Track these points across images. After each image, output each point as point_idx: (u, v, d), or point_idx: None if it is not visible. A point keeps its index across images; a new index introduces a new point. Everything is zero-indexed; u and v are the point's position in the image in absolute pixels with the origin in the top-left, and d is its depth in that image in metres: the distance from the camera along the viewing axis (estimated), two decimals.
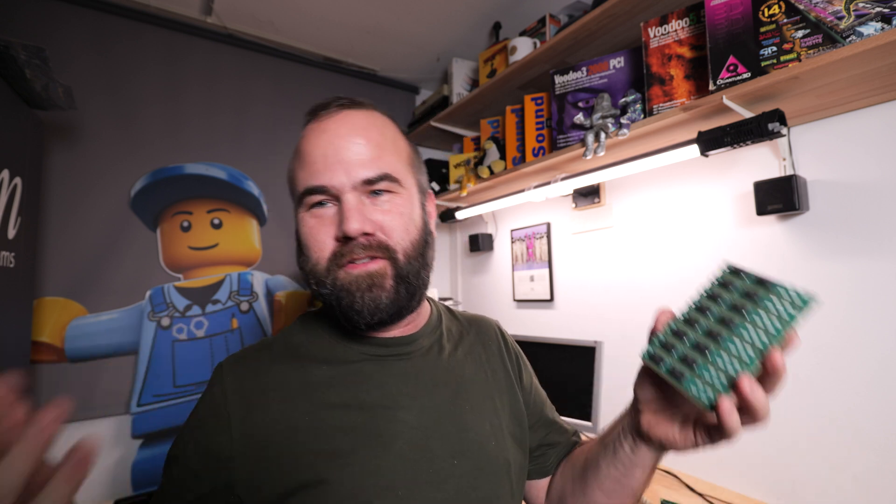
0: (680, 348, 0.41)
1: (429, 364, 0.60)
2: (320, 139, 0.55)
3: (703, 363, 0.39)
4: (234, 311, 1.72)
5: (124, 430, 1.51)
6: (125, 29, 1.58)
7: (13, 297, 1.09)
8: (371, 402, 0.54)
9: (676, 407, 0.45)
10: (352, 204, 0.52)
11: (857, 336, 0.99)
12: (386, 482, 0.50)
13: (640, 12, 1.22)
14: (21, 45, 0.96)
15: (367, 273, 0.53)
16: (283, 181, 1.86)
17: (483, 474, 0.56)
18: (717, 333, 0.40)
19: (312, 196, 0.54)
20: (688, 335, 0.42)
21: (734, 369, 0.37)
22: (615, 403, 1.43)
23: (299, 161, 0.56)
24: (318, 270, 0.54)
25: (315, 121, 0.57)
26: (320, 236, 0.54)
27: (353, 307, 0.53)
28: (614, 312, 1.51)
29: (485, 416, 0.60)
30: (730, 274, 0.44)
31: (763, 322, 0.38)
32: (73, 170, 1.47)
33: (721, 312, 0.41)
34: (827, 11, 0.85)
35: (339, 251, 0.53)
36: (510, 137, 1.63)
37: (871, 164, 0.99)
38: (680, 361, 0.41)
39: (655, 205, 1.41)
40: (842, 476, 1.00)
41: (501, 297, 2.02)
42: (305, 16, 1.70)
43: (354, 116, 0.56)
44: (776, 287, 0.39)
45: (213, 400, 0.54)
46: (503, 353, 0.71)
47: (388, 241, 0.54)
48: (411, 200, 0.58)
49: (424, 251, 0.58)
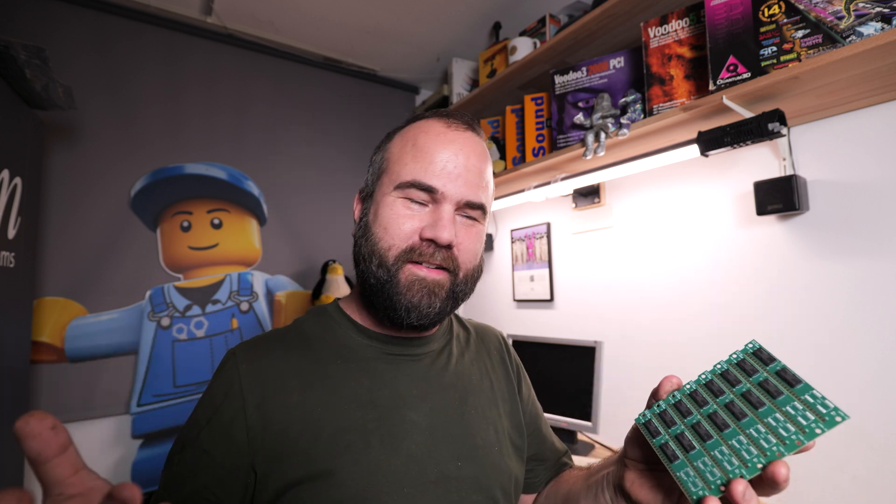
0: (679, 425, 0.38)
1: (438, 367, 0.62)
2: (448, 146, 0.57)
3: (700, 451, 0.36)
4: (234, 311, 1.72)
5: (124, 430, 1.51)
6: (125, 29, 1.59)
7: (13, 297, 1.09)
8: (384, 400, 0.55)
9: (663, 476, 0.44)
10: (450, 215, 0.55)
11: (857, 336, 0.99)
12: (394, 479, 0.51)
13: (640, 12, 1.22)
14: (21, 45, 0.96)
15: (433, 280, 0.55)
16: (284, 181, 1.86)
17: (486, 479, 0.56)
18: (724, 422, 0.36)
19: (415, 190, 0.56)
20: (691, 413, 0.38)
21: (732, 471, 0.33)
22: (615, 403, 1.44)
23: (415, 152, 0.57)
24: (388, 255, 0.55)
25: (443, 124, 0.59)
26: (406, 225, 0.55)
27: (405, 304, 0.55)
28: (614, 312, 1.51)
29: (489, 423, 0.61)
30: (752, 354, 0.39)
31: (778, 428, 0.33)
32: (73, 170, 1.48)
33: (733, 398, 0.37)
34: (827, 11, 0.85)
35: (417, 248, 0.55)
36: (510, 137, 1.63)
37: (871, 164, 0.99)
38: (675, 440, 0.37)
39: (655, 205, 1.41)
40: (842, 476, 1.00)
41: (501, 297, 2.02)
42: (305, 16, 1.70)
43: (478, 142, 0.60)
44: (804, 391, 0.34)
45: (228, 383, 0.54)
46: (506, 363, 0.72)
47: (459, 258, 0.57)
48: (483, 234, 0.62)
49: (478, 278, 0.62)
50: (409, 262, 0.55)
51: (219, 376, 0.56)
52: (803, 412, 0.33)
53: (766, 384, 0.36)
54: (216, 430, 0.52)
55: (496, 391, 0.66)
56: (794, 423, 0.33)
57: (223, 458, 0.51)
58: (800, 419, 0.33)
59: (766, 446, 0.33)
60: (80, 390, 1.44)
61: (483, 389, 0.64)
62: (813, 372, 1.05)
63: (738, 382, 0.38)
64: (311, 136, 1.97)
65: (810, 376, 1.13)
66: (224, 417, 0.52)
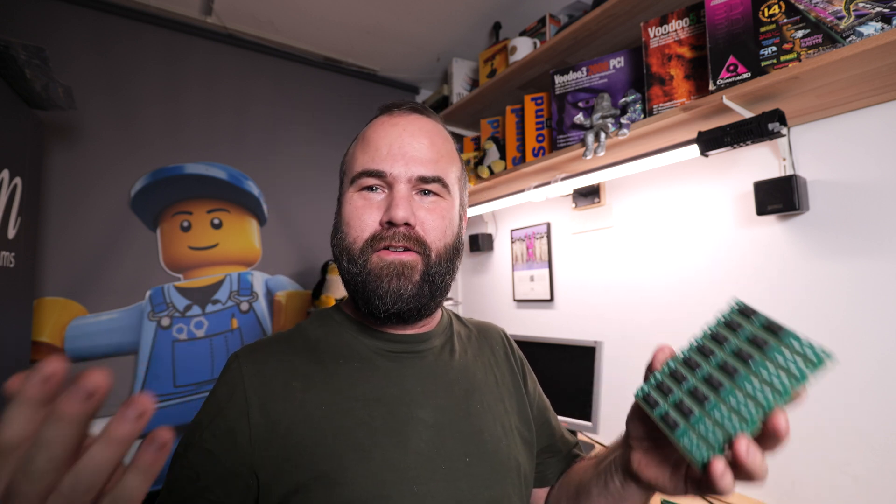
0: (677, 393, 0.39)
1: (442, 364, 0.61)
2: (389, 131, 0.58)
3: (700, 414, 0.36)
4: (234, 311, 1.72)
5: None
6: (125, 29, 1.59)
7: (13, 297, 1.09)
8: (389, 397, 0.55)
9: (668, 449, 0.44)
10: (403, 194, 0.55)
11: (857, 336, 0.99)
12: (403, 477, 0.51)
13: (640, 12, 1.22)
14: (21, 45, 0.96)
15: (400, 262, 0.55)
16: (284, 181, 1.87)
17: (495, 475, 0.56)
18: (719, 382, 0.37)
19: (367, 178, 0.56)
20: (686, 379, 0.39)
21: (733, 427, 0.34)
22: (615, 403, 1.43)
23: (363, 145, 0.59)
24: (354, 249, 0.56)
25: (387, 115, 0.61)
26: (365, 217, 0.56)
27: (378, 292, 0.54)
28: (614, 312, 1.51)
29: (496, 418, 0.61)
30: (738, 313, 0.40)
31: (770, 376, 0.34)
32: (73, 170, 1.47)
33: (725, 357, 0.38)
34: (827, 11, 0.85)
35: (379, 235, 0.55)
36: (510, 137, 1.63)
37: (871, 164, 0.99)
38: (675, 408, 0.38)
39: (655, 205, 1.41)
40: (842, 476, 1.00)
41: (501, 297, 2.02)
42: (305, 16, 1.70)
43: (425, 121, 0.60)
44: (788, 337, 0.35)
45: (231, 385, 0.54)
46: (510, 358, 0.72)
47: (425, 237, 0.56)
48: (453, 209, 0.60)
49: (454, 258, 0.60)
50: (376, 250, 0.55)
51: (223, 379, 0.56)
52: (792, 360, 0.34)
53: (755, 339, 0.37)
54: (219, 432, 0.51)
55: (501, 386, 0.66)
56: (784, 372, 0.34)
57: (226, 460, 0.50)
58: (790, 367, 0.34)
59: (762, 399, 0.34)
60: None
61: (488, 385, 0.64)
62: None
63: (729, 342, 0.39)
64: (311, 136, 1.97)
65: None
66: (228, 419, 0.52)
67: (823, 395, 1.03)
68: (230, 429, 0.51)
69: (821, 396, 1.03)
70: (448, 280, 0.60)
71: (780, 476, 1.09)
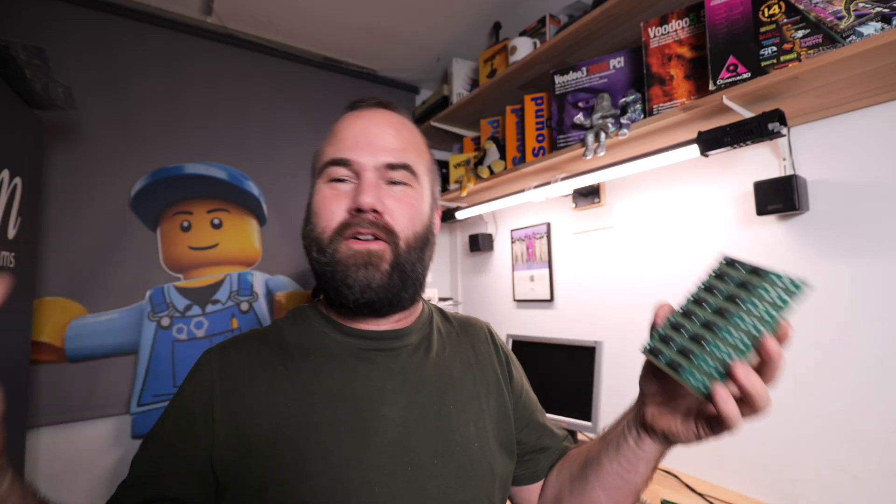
0: (678, 340, 0.42)
1: (416, 362, 0.60)
2: (354, 123, 0.59)
3: (701, 353, 0.40)
4: (234, 311, 1.72)
5: (124, 430, 1.51)
6: (125, 29, 1.59)
7: (13, 297, 1.09)
8: (355, 395, 0.54)
9: (679, 399, 0.47)
10: (370, 181, 0.55)
11: (857, 336, 0.99)
12: (364, 477, 0.50)
13: (640, 12, 1.22)
14: (21, 45, 0.96)
15: (367, 251, 0.54)
16: (284, 181, 1.87)
17: (465, 476, 0.55)
18: (714, 324, 0.41)
19: (334, 168, 0.57)
20: (686, 327, 0.43)
21: (729, 356, 0.38)
22: (615, 403, 1.43)
23: (330, 138, 0.60)
24: (322, 238, 0.56)
25: (353, 110, 0.62)
26: (332, 206, 0.56)
27: (346, 282, 0.54)
28: (614, 312, 1.51)
29: (470, 418, 0.59)
30: (726, 265, 0.45)
31: (757, 310, 0.39)
32: (73, 170, 1.47)
33: (717, 303, 0.42)
34: (827, 11, 0.85)
35: (347, 222, 0.55)
36: (510, 137, 1.63)
37: (871, 164, 0.99)
38: (678, 353, 0.42)
39: (655, 205, 1.41)
40: (842, 476, 1.00)
41: (501, 297, 2.02)
42: (305, 16, 1.70)
43: (390, 114, 0.61)
44: (769, 275, 0.40)
45: (200, 378, 0.55)
46: (493, 354, 0.71)
47: (393, 225, 0.56)
48: (422, 198, 0.60)
49: (424, 248, 0.60)
50: (345, 238, 0.55)
51: (192, 374, 0.56)
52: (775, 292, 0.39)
53: (743, 283, 0.42)
54: (182, 421, 0.52)
55: (479, 384, 0.64)
56: (769, 304, 0.39)
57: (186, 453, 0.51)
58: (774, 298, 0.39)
59: (752, 329, 0.38)
60: (80, 390, 1.44)
61: (464, 383, 0.62)
62: (813, 372, 1.05)
63: (720, 290, 0.43)
64: (311, 135, 1.97)
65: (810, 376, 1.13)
66: (192, 408, 0.53)
67: (824, 395, 1.03)
68: (193, 417, 0.52)
69: (821, 396, 1.03)
70: (419, 270, 0.59)
71: (780, 476, 1.09)
